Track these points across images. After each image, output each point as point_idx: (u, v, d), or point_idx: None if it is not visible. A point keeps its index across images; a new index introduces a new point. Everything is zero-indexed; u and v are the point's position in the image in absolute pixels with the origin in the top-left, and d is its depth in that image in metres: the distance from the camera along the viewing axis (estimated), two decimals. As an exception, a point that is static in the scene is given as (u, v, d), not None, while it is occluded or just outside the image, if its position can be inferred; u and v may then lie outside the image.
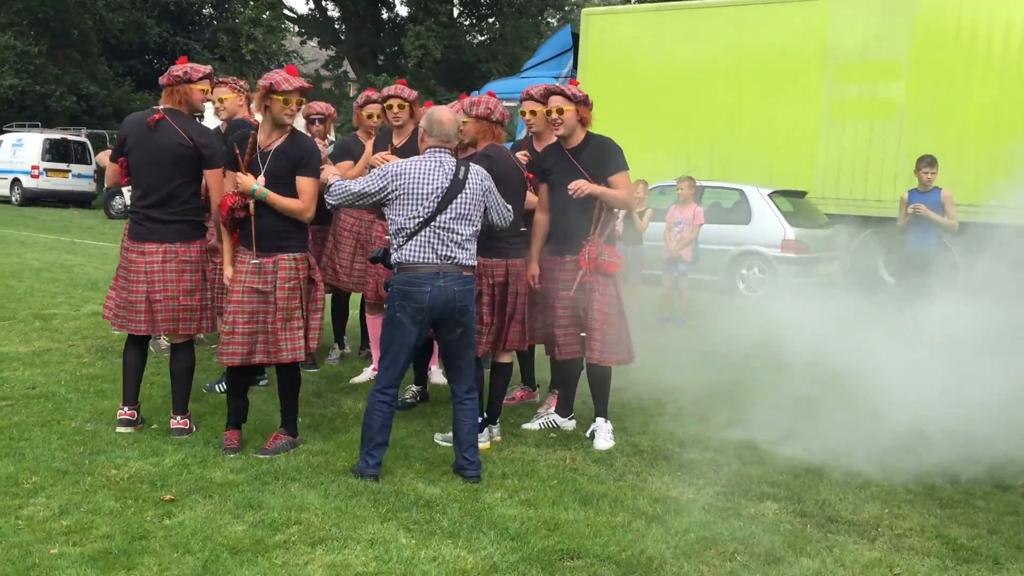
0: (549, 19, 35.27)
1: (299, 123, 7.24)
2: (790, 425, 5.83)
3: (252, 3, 26.42)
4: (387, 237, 5.29)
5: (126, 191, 5.73)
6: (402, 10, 26.54)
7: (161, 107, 5.33)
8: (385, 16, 31.69)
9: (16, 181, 26.11)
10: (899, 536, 4.36)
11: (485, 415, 5.50)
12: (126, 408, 5.40)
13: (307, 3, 30.18)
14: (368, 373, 6.84)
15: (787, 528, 4.40)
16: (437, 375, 6.69)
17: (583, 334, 5.55)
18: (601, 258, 5.46)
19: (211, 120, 7.32)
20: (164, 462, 4.88)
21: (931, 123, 12.59)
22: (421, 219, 4.67)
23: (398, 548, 3.95)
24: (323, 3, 30.67)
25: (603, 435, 5.62)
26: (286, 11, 29.39)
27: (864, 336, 8.00)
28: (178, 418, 5.36)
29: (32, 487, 4.44)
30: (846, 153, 13.40)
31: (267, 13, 26.14)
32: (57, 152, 25.93)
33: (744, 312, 10.61)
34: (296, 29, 30.12)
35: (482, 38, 34.25)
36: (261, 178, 4.94)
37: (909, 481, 5.07)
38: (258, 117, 5.38)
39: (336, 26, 30.64)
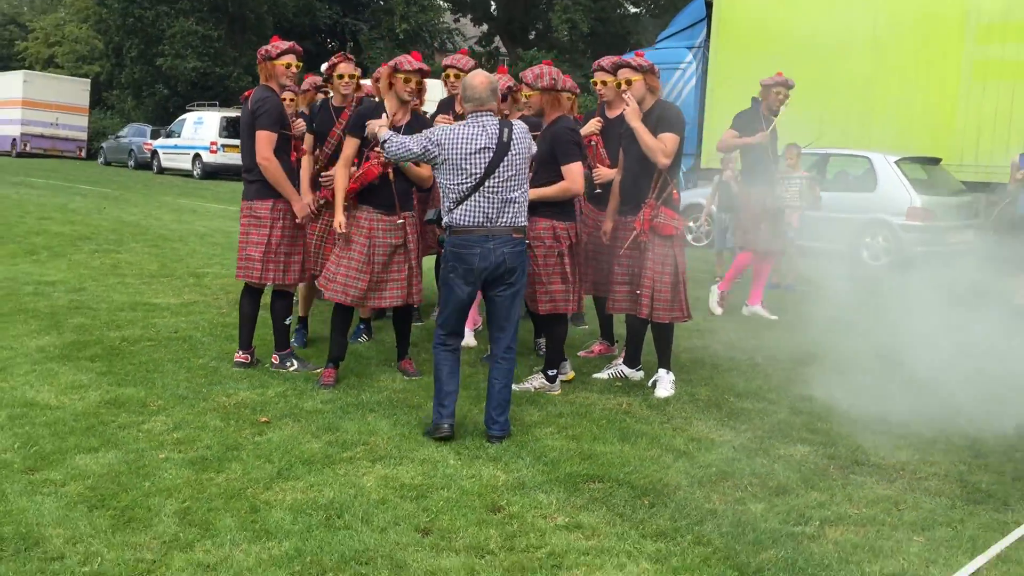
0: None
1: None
2: (855, 383, 6.04)
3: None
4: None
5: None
6: (551, -15, 27.09)
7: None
8: (535, -8, 32.25)
9: (197, 156, 28.41)
10: (920, 479, 4.59)
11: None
12: (241, 352, 6.22)
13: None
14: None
15: (809, 467, 4.70)
16: (468, 336, 7.09)
17: (637, 292, 5.94)
18: (656, 220, 5.83)
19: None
20: (267, 392, 5.65)
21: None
22: (470, 184, 4.81)
23: (444, 467, 4.54)
24: (477, -20, 31.57)
25: (664, 384, 6.01)
26: (440, -10, 30.42)
27: (957, 303, 7.99)
28: (275, 354, 6.18)
29: (156, 408, 5.29)
30: (986, 118, 12.91)
31: (421, -8, 27.24)
32: (234, 129, 27.92)
33: (856, 280, 10.56)
34: (450, 7, 31.10)
35: (635, 9, 34.22)
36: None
37: (954, 435, 5.22)
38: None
39: (489, 3, 31.46)
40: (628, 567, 3.58)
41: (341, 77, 6.63)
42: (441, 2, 29.68)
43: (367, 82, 7.26)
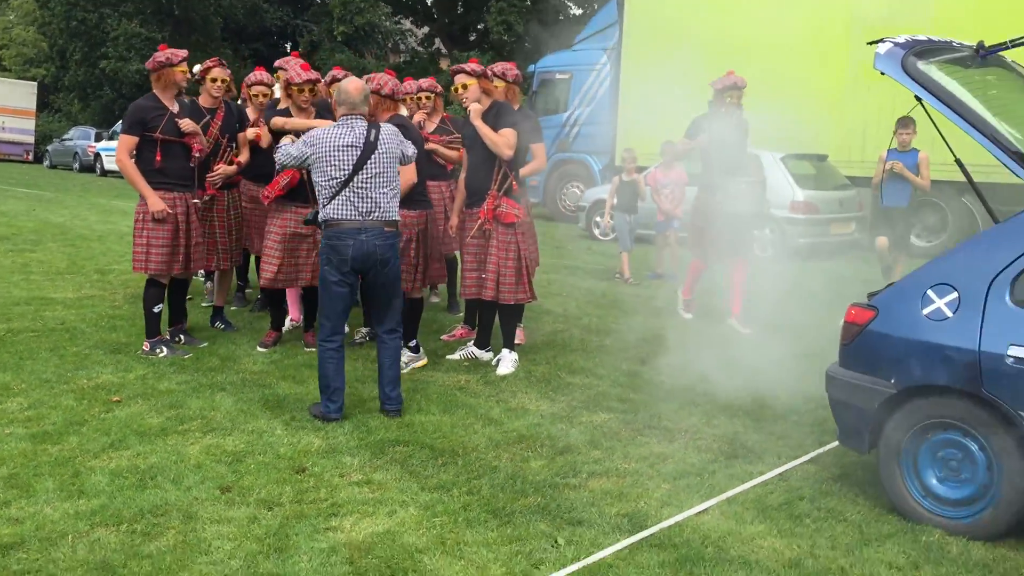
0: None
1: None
2: (681, 361, 6.58)
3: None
4: None
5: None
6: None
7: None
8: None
9: (138, 159, 28.46)
10: (697, 439, 5.12)
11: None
12: (147, 340, 6.71)
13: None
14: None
15: (602, 431, 5.22)
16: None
17: (483, 276, 6.44)
18: (499, 209, 6.33)
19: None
20: (128, 376, 6.08)
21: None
22: (340, 180, 5.16)
23: (269, 436, 5.00)
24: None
25: (505, 363, 6.51)
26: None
27: (817, 284, 8.63)
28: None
29: (17, 391, 5.70)
30: (871, 115, 13.58)
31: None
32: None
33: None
34: (390, 9, 31.50)
35: (579, 11, 34.77)
36: None
37: (746, 402, 5.75)
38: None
39: (428, 4, 31.91)
40: (398, 513, 4.07)
41: (214, 81, 7.08)
42: (381, 3, 30.03)
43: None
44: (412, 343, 6.59)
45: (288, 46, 41.20)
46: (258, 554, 3.64)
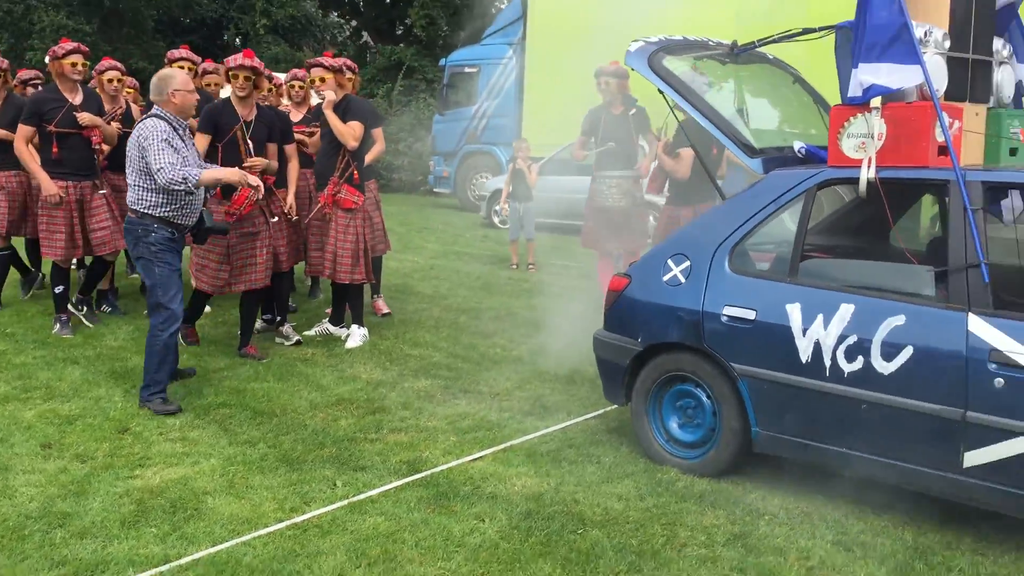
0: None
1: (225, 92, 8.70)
2: (520, 335, 7.10)
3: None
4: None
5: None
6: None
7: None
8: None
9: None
10: (504, 400, 5.63)
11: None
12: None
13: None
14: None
15: (415, 395, 5.70)
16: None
17: (323, 256, 6.89)
18: (339, 195, 6.77)
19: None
20: (-11, 352, 6.44)
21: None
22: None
23: (106, 403, 5.41)
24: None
25: (354, 337, 6.97)
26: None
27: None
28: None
29: None
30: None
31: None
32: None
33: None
34: (317, 3, 31.65)
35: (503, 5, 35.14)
36: (249, 144, 6.39)
37: (563, 367, 6.27)
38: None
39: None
40: (200, 464, 4.51)
41: (111, 81, 7.55)
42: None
43: (282, 76, 8.40)
44: (267, 316, 7.01)
45: (225, 36, 41.00)
46: (56, 497, 4.07)
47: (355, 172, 6.86)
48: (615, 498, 4.18)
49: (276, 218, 6.70)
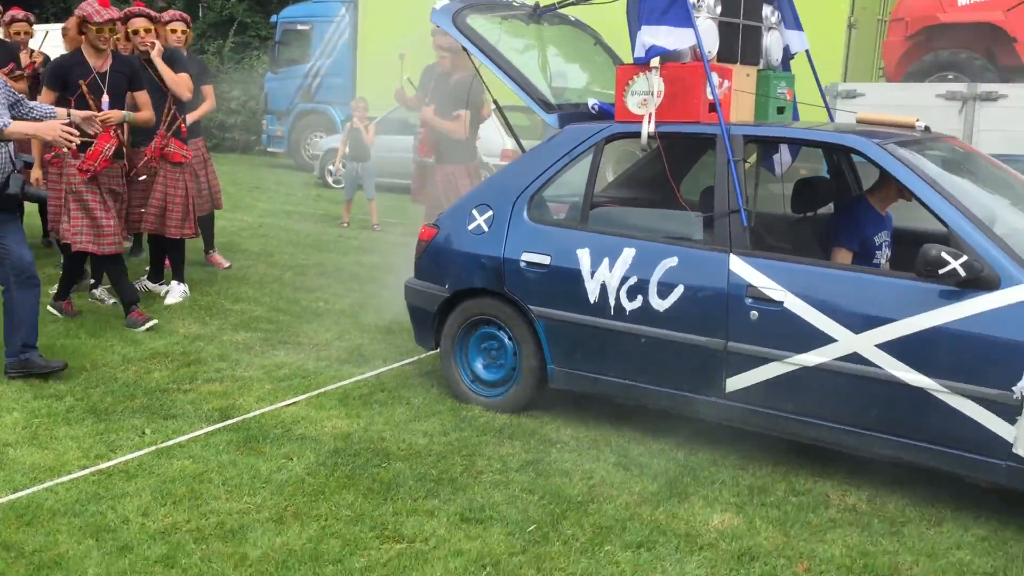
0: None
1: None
2: (352, 288, 7.22)
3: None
4: None
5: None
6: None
7: None
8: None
9: None
10: (323, 350, 5.76)
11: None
12: None
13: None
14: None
15: (237, 347, 5.76)
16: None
17: (143, 210, 6.79)
18: (167, 149, 6.65)
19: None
20: None
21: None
22: None
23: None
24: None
25: (174, 293, 6.91)
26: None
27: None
28: None
29: None
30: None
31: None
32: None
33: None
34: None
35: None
36: (105, 97, 5.99)
37: (386, 322, 6.46)
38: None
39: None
40: (3, 417, 4.45)
41: None
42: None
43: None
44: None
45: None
46: None
47: (182, 125, 6.77)
48: (420, 435, 4.42)
49: (143, 177, 6.48)
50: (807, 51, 5.15)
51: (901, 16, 10.15)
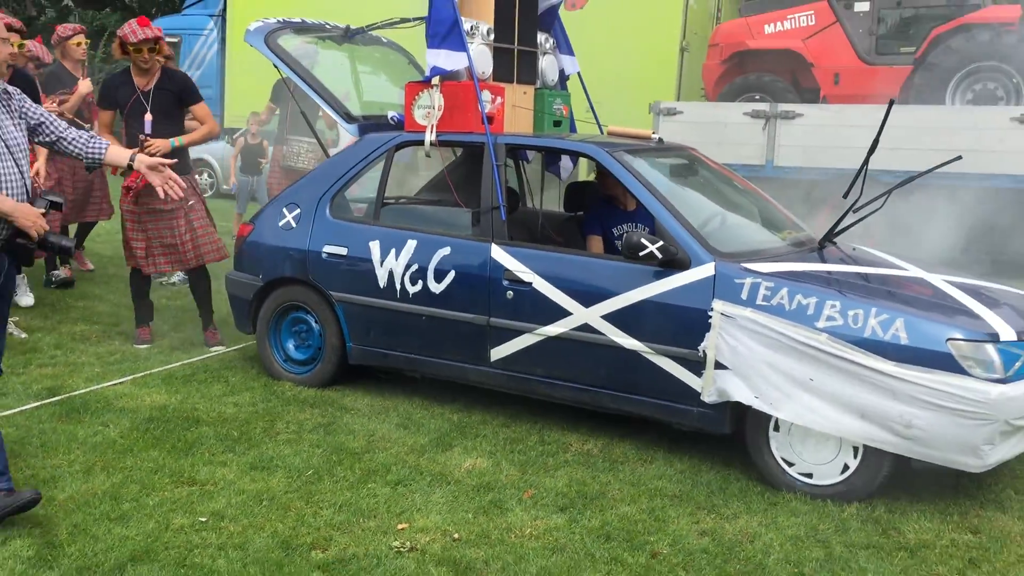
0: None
1: None
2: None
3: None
4: None
5: None
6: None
7: None
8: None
9: None
10: (160, 340, 6.25)
11: None
12: None
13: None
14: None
15: (74, 337, 6.20)
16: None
17: None
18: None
19: None
20: None
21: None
22: None
23: None
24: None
25: (27, 296, 7.26)
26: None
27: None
28: None
29: None
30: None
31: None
32: None
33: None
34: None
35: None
36: (148, 116, 5.72)
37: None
38: None
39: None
40: None
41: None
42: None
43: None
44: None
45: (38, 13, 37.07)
46: None
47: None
48: (231, 405, 5.00)
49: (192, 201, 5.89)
50: (578, 72, 5.96)
51: (717, 42, 11.22)
